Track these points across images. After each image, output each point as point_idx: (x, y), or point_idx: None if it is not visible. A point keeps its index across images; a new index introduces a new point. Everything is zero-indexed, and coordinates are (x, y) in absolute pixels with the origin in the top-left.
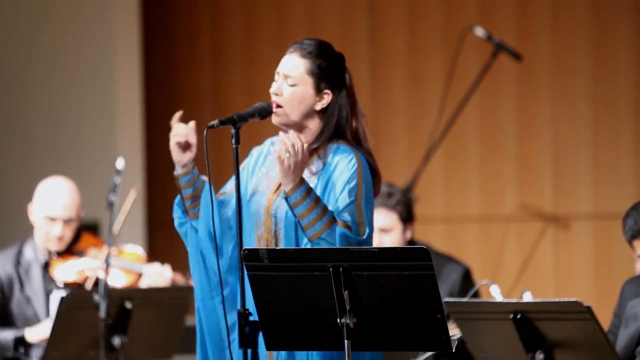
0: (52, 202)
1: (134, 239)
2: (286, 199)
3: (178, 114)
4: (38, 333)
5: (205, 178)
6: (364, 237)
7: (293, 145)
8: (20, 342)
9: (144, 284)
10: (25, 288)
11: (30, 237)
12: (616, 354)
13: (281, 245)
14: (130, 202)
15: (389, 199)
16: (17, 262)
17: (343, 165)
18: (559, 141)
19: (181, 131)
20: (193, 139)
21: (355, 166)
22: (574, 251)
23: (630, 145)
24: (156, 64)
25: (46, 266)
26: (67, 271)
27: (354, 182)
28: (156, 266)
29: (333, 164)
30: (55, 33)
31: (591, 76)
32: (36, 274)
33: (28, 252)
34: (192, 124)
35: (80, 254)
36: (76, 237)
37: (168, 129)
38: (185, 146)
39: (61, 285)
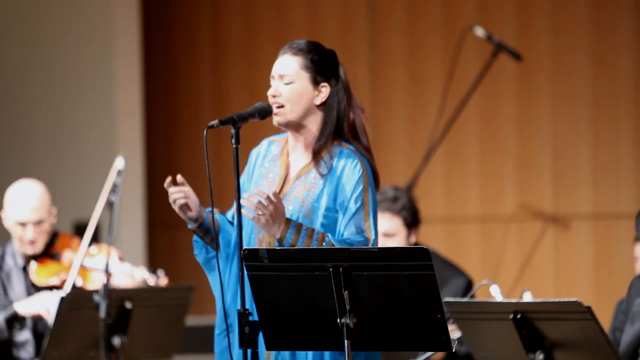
0: (20, 207)
1: (134, 239)
2: (281, 244)
3: (169, 180)
4: (29, 307)
5: (214, 211)
6: (371, 242)
7: (259, 202)
8: (13, 319)
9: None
10: (8, 292)
11: (11, 240)
12: (616, 354)
13: None
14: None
15: (394, 203)
16: None
17: (349, 170)
18: (559, 141)
19: (179, 193)
20: (192, 195)
21: (361, 172)
22: (574, 251)
23: (630, 145)
24: (156, 64)
25: (25, 269)
26: (44, 275)
27: (360, 189)
28: (126, 266)
29: (339, 169)
30: (55, 33)
31: (591, 76)
32: (17, 278)
33: (9, 257)
34: (181, 179)
35: (57, 256)
36: (53, 239)
37: (168, 129)
38: (187, 204)
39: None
